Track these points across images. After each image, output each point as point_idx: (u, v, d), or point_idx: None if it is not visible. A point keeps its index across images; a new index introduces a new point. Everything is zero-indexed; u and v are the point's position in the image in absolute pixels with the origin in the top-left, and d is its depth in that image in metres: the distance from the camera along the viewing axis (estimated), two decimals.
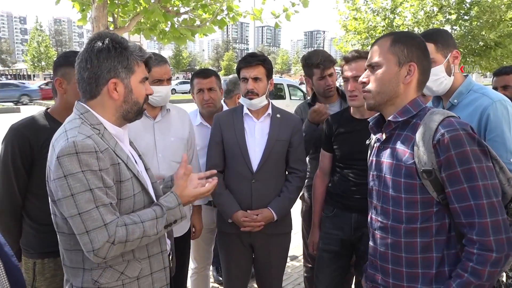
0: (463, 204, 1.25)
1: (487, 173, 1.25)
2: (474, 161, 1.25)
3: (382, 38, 1.47)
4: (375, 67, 1.43)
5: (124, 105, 1.42)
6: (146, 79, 1.47)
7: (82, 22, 4.25)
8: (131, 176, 1.39)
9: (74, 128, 1.33)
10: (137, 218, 1.33)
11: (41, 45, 50.03)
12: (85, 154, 1.26)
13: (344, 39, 13.12)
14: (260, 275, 2.45)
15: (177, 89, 36.75)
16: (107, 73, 1.37)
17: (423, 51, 1.42)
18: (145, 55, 1.43)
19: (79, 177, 1.24)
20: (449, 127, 1.27)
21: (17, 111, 18.78)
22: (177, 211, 1.44)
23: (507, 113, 1.76)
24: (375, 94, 1.44)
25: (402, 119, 1.40)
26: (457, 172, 1.25)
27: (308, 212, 2.81)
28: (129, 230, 1.29)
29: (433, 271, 1.33)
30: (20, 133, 1.78)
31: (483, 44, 11.33)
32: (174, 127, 2.35)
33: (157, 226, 1.36)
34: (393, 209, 1.40)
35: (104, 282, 1.36)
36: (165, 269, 1.52)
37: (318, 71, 2.68)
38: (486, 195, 1.23)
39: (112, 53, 1.37)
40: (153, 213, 1.37)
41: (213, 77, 2.75)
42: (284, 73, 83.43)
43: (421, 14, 11.62)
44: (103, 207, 1.26)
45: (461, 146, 1.25)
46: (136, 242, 1.32)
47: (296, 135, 2.35)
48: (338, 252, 2.23)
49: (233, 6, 4.31)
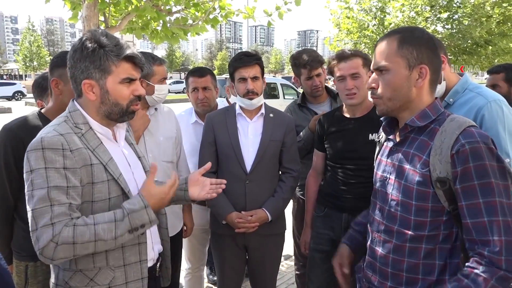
0: (476, 220, 1.19)
1: (504, 191, 1.19)
2: (493, 176, 1.18)
3: (387, 37, 1.36)
4: (383, 71, 1.35)
5: (103, 106, 1.37)
6: (132, 80, 1.39)
7: (73, 20, 4.21)
8: (108, 179, 1.34)
9: (52, 125, 1.33)
10: (90, 220, 1.25)
11: (33, 45, 49.54)
12: (50, 150, 1.24)
13: (336, 38, 13.16)
14: (254, 275, 2.45)
15: (170, 89, 36.68)
16: (80, 73, 1.34)
17: (433, 50, 1.33)
18: (121, 53, 1.34)
19: (40, 173, 1.22)
20: (470, 138, 1.21)
21: (8, 112, 18.62)
22: (143, 214, 1.29)
23: (502, 113, 1.75)
24: (387, 100, 1.36)
25: (422, 124, 1.33)
26: (474, 186, 1.19)
27: (300, 212, 2.81)
28: (77, 231, 1.20)
29: (434, 278, 1.30)
30: (13, 134, 1.75)
31: (472, 42, 11.41)
32: (162, 126, 2.34)
33: (115, 231, 1.25)
34: (401, 214, 1.35)
35: (73, 285, 1.34)
36: (143, 279, 1.44)
37: (306, 71, 2.68)
38: (502, 213, 1.17)
39: (84, 53, 1.32)
40: (112, 216, 1.27)
41: (208, 76, 2.74)
42: (278, 72, 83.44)
43: (411, 14, 11.68)
44: (58, 206, 1.21)
45: (481, 159, 1.19)
46: (88, 245, 1.22)
47: (289, 135, 2.34)
48: (330, 252, 2.22)
49: (226, 5, 4.29)
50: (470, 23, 10.87)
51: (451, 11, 11.61)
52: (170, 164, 2.35)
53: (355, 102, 2.12)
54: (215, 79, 2.80)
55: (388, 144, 1.49)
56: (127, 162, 1.48)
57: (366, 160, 2.08)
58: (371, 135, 2.10)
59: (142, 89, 1.43)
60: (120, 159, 1.44)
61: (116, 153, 1.43)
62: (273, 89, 13.71)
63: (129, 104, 1.40)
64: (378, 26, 12.15)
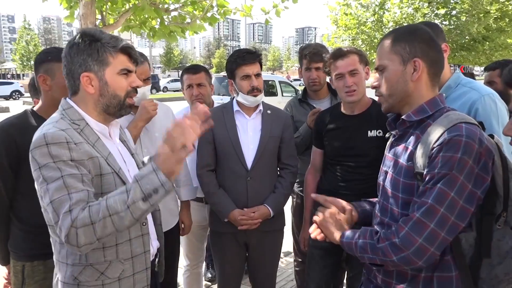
0: (421, 200, 1.21)
1: (459, 188, 1.16)
2: (457, 170, 1.16)
3: (384, 38, 1.42)
4: (382, 70, 1.40)
5: (101, 98, 1.38)
6: (129, 71, 1.41)
7: (70, 19, 4.20)
8: (111, 171, 1.36)
9: (51, 122, 1.33)
10: (102, 198, 1.22)
11: (30, 44, 49.45)
12: (55, 145, 1.24)
13: (334, 35, 13.17)
14: (254, 272, 2.45)
15: (168, 87, 36.59)
16: (79, 67, 1.35)
17: (428, 42, 1.34)
18: (118, 45, 1.37)
19: (51, 166, 1.22)
20: (455, 132, 1.19)
21: (6, 111, 18.57)
22: (153, 177, 1.19)
23: (496, 107, 1.77)
24: (387, 97, 1.40)
25: (417, 118, 1.34)
26: (433, 174, 1.19)
27: (299, 208, 2.82)
28: (91, 210, 1.17)
29: (423, 274, 1.29)
30: (5, 133, 1.74)
31: (470, 38, 11.43)
32: (158, 123, 2.34)
33: (128, 199, 1.17)
34: (391, 207, 1.38)
35: (83, 280, 1.34)
36: (147, 269, 1.47)
37: (305, 61, 2.73)
38: (449, 208, 1.16)
39: (81, 46, 1.34)
40: (123, 188, 1.22)
41: (203, 72, 2.75)
42: (276, 70, 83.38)
43: (409, 11, 11.69)
44: (76, 193, 1.20)
45: (454, 151, 1.17)
46: (106, 222, 1.17)
47: (287, 131, 2.35)
48: (329, 248, 2.23)
49: (223, 3, 4.29)
50: (468, 19, 10.89)
51: (449, 7, 11.62)
52: None
53: (355, 99, 2.12)
54: (209, 76, 2.82)
55: (392, 139, 1.52)
56: (122, 159, 1.49)
57: (365, 157, 2.09)
58: (370, 132, 2.10)
59: (139, 81, 1.46)
60: (117, 155, 1.45)
61: (112, 149, 1.44)
62: (271, 87, 13.73)
63: (126, 96, 1.42)
64: (376, 23, 12.16)
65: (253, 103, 2.27)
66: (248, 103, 2.27)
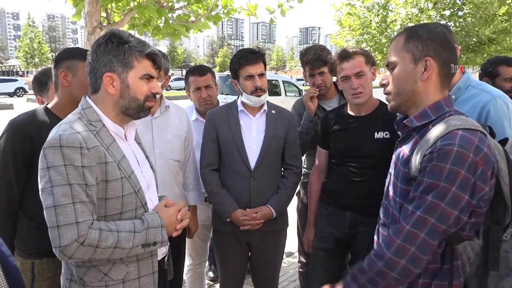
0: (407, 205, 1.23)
1: (451, 199, 1.15)
2: (446, 181, 1.15)
3: (398, 35, 1.39)
4: (392, 67, 1.37)
5: (121, 100, 1.40)
6: (151, 77, 1.43)
7: (77, 17, 4.20)
8: (121, 177, 1.36)
9: (68, 122, 1.34)
10: (113, 227, 1.29)
11: (34, 41, 49.60)
12: (68, 148, 1.25)
13: (338, 35, 13.12)
14: (256, 272, 2.44)
15: (172, 86, 36.61)
16: (103, 66, 1.37)
17: (442, 42, 1.30)
18: (145, 50, 1.39)
19: (60, 170, 1.23)
20: (448, 140, 1.17)
21: (10, 108, 18.65)
22: (158, 233, 1.36)
23: (508, 109, 1.76)
24: (395, 96, 1.37)
25: (418, 124, 1.32)
26: (422, 181, 1.19)
27: (305, 209, 2.80)
28: (102, 235, 1.24)
29: (420, 280, 1.28)
30: (22, 130, 1.72)
31: (477, 40, 11.35)
32: (172, 124, 2.34)
33: (133, 240, 1.30)
34: (392, 210, 1.38)
35: (87, 280, 1.36)
36: (154, 274, 1.47)
37: (308, 68, 2.71)
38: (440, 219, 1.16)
39: (109, 47, 1.36)
40: (132, 226, 1.32)
41: (209, 73, 2.76)
42: (280, 70, 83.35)
43: (414, 11, 11.62)
44: (81, 204, 1.23)
45: (443, 161, 1.15)
46: (107, 251, 1.26)
47: (291, 131, 2.34)
48: (333, 250, 2.22)
49: (228, 2, 4.28)
50: (474, 20, 10.82)
51: (455, 8, 11.55)
52: (176, 162, 2.34)
53: (361, 101, 2.10)
54: (214, 76, 2.83)
55: (398, 140, 1.51)
56: (136, 160, 1.50)
57: (370, 158, 2.07)
58: (376, 133, 2.08)
59: (159, 88, 1.49)
60: (131, 157, 1.46)
61: (127, 151, 1.45)
62: (275, 86, 13.72)
63: (145, 100, 1.43)
64: (380, 24, 12.10)
65: (256, 103, 2.26)
66: (251, 103, 2.26)
